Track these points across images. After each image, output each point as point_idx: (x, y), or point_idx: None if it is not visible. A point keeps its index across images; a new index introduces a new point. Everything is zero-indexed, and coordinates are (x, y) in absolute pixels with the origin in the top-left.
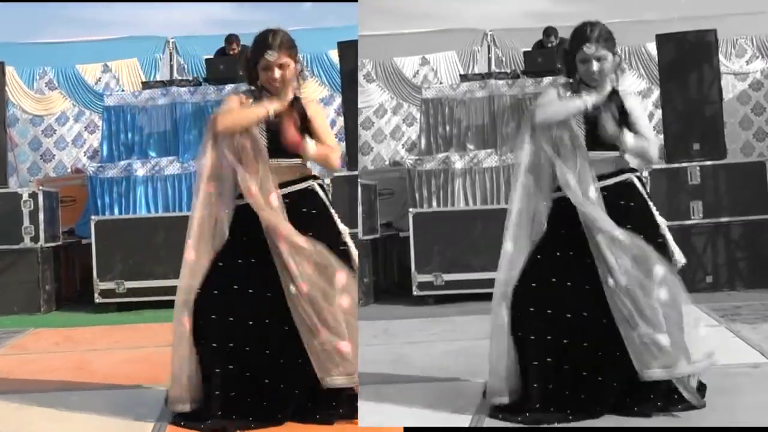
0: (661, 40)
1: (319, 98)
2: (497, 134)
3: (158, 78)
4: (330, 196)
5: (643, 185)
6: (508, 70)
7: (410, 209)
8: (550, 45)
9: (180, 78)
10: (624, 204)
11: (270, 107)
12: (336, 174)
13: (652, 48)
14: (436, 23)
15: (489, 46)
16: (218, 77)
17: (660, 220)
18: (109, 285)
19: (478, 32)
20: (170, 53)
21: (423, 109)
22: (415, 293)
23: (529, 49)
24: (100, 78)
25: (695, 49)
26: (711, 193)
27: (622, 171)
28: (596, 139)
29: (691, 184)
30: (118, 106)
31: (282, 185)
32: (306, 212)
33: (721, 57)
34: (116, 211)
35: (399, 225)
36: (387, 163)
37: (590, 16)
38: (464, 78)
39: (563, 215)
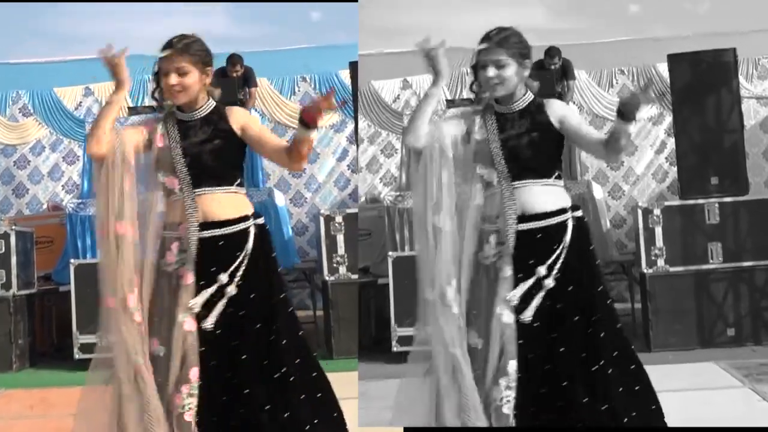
0: (674, 60)
1: (329, 124)
2: None
3: (147, 102)
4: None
5: (585, 227)
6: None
7: (390, 253)
8: (552, 67)
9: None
10: (556, 249)
11: (112, 96)
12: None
13: (663, 69)
14: (414, 41)
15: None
16: (216, 102)
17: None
18: (90, 338)
19: (467, 51)
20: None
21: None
22: (395, 349)
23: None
24: (80, 102)
25: (712, 71)
26: (731, 234)
27: (561, 210)
28: (520, 168)
29: (708, 223)
30: None
31: (211, 225)
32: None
33: (741, 79)
34: (98, 254)
35: (377, 270)
36: (364, 199)
37: (592, 32)
38: (451, 103)
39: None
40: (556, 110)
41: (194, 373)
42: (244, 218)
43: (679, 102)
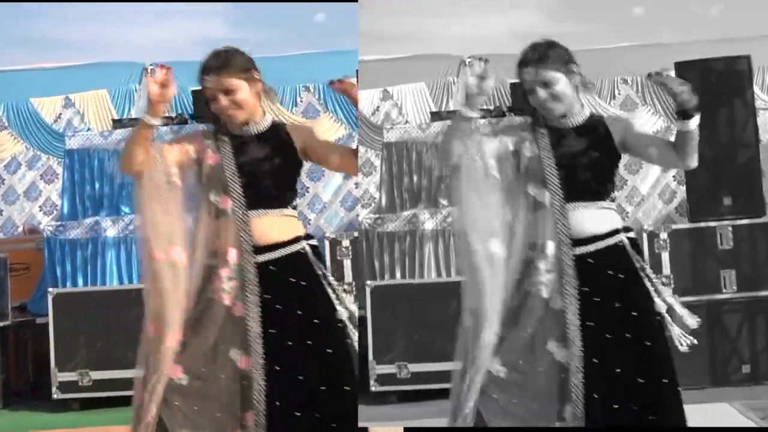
0: (682, 68)
1: (335, 138)
2: None
3: (134, 114)
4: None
5: (638, 248)
6: (492, 107)
7: (368, 282)
8: None
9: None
10: (612, 275)
11: (146, 116)
12: None
13: None
14: (402, 48)
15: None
16: (210, 114)
17: (659, 290)
18: (70, 376)
19: (454, 59)
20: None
21: (384, 155)
22: (373, 389)
23: (518, 80)
24: (60, 114)
25: (724, 80)
26: (747, 260)
27: (613, 232)
28: (575, 188)
29: (721, 248)
30: (83, 150)
31: (263, 249)
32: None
33: (756, 89)
34: (80, 281)
35: (36, 308)
36: (21, 230)
37: (591, 37)
38: (436, 116)
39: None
40: (619, 129)
41: (250, 417)
42: (296, 240)
43: None
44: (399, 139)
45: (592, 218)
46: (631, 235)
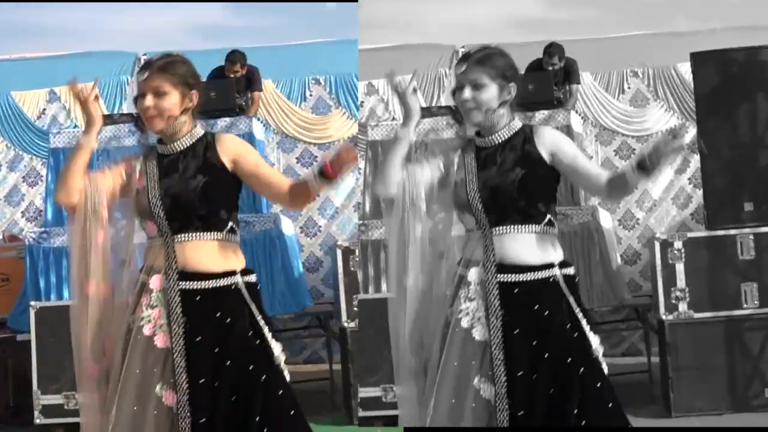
0: (698, 59)
1: (348, 136)
2: None
3: (125, 109)
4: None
5: (572, 284)
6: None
7: (32, 303)
8: (551, 68)
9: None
10: (537, 310)
11: (82, 137)
12: None
13: (686, 71)
14: (389, 37)
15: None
16: (209, 108)
17: (591, 336)
18: (54, 399)
19: (446, 49)
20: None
21: (369, 156)
22: (38, 421)
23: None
24: (44, 109)
25: (745, 73)
26: None
27: (547, 265)
28: (503, 211)
29: (742, 259)
30: (69, 149)
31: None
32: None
33: None
34: (66, 294)
35: (16, 324)
36: (1, 237)
37: (599, 25)
38: (427, 111)
39: None
40: (547, 140)
41: None
42: (231, 273)
43: (704, 111)
44: (386, 138)
45: (523, 245)
46: (569, 271)
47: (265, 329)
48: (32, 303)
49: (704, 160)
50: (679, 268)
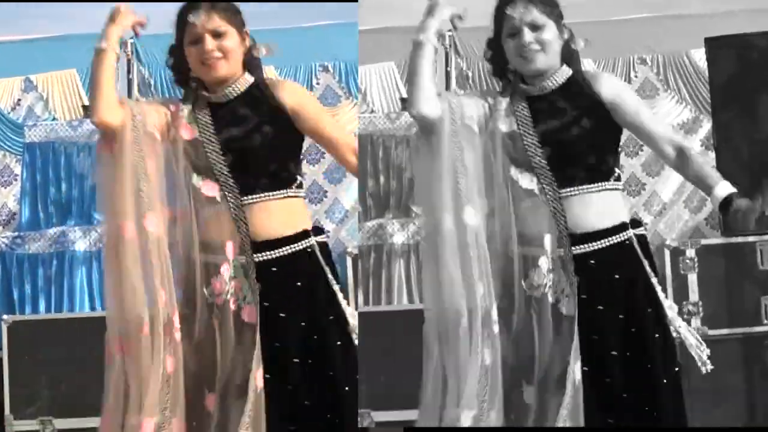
0: (714, 45)
1: (358, 129)
2: None
3: None
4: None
5: (646, 247)
6: (478, 91)
7: (4, 317)
8: None
9: (144, 99)
10: (618, 279)
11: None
12: None
13: (700, 57)
14: (364, 20)
15: (448, 54)
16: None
17: (667, 304)
18: (29, 425)
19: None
20: (128, 60)
21: (27, 160)
22: None
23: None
24: (19, 100)
25: (767, 60)
26: None
27: (620, 227)
28: (569, 169)
29: (762, 269)
30: (46, 144)
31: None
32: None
33: None
34: (42, 306)
35: None
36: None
37: (602, 6)
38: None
39: None
40: (607, 87)
41: None
42: (303, 234)
43: (720, 103)
44: (362, 132)
45: (594, 207)
46: (641, 231)
47: (340, 295)
48: (4, 317)
49: (720, 158)
50: (692, 279)
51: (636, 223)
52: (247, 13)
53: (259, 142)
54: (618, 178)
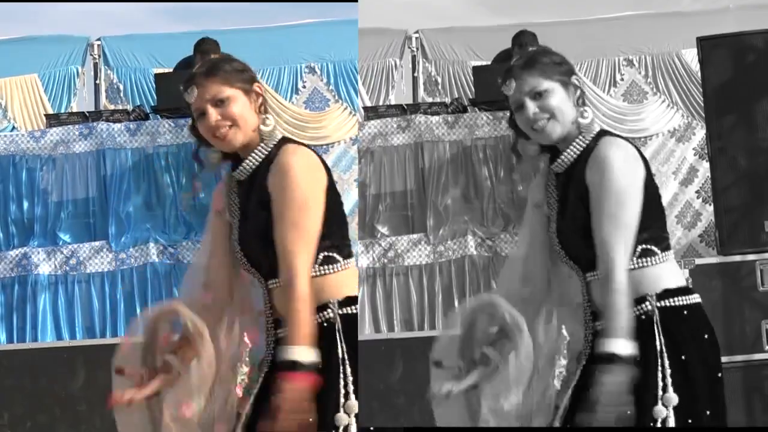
0: (707, 45)
1: (352, 136)
2: (429, 208)
3: (75, 108)
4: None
5: (677, 320)
6: (448, 100)
7: None
8: None
9: (113, 108)
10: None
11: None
12: None
13: (692, 58)
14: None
15: (415, 58)
16: (177, 105)
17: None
18: None
19: (397, 34)
20: (95, 64)
21: None
22: None
23: (485, 62)
24: None
25: (764, 61)
26: None
27: (641, 298)
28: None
29: (763, 290)
30: (5, 157)
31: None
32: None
33: None
34: (2, 337)
35: None
36: None
37: (586, 3)
38: (371, 112)
39: None
40: (592, 165)
41: None
42: (324, 306)
43: (715, 108)
44: (2, 152)
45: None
46: (673, 302)
47: (344, 381)
48: None
49: (715, 169)
50: None
51: (669, 293)
52: (221, 9)
53: (255, 232)
54: (646, 253)
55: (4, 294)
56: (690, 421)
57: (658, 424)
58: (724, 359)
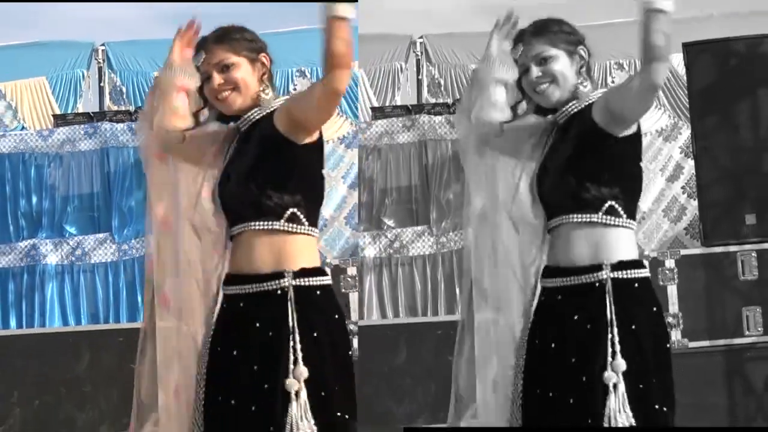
0: (692, 51)
1: (340, 136)
2: (432, 202)
3: (80, 108)
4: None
5: (626, 292)
6: (450, 101)
7: None
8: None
9: (116, 109)
10: (577, 321)
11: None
12: None
13: (677, 63)
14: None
15: (419, 62)
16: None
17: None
18: None
19: (401, 39)
20: (99, 68)
21: None
22: None
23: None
24: None
25: (747, 66)
26: None
27: (596, 266)
28: (554, 199)
29: (743, 279)
30: (15, 154)
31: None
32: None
33: None
34: (13, 323)
35: None
36: None
37: (578, 10)
38: (379, 112)
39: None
40: (598, 101)
41: None
42: (279, 274)
43: (700, 109)
44: (14, 150)
45: (574, 240)
46: (625, 274)
47: (294, 349)
48: None
49: (700, 166)
50: (672, 290)
51: (623, 265)
52: (221, 18)
53: (242, 169)
54: (611, 211)
55: (14, 282)
56: (641, 386)
57: (610, 390)
58: (706, 343)
